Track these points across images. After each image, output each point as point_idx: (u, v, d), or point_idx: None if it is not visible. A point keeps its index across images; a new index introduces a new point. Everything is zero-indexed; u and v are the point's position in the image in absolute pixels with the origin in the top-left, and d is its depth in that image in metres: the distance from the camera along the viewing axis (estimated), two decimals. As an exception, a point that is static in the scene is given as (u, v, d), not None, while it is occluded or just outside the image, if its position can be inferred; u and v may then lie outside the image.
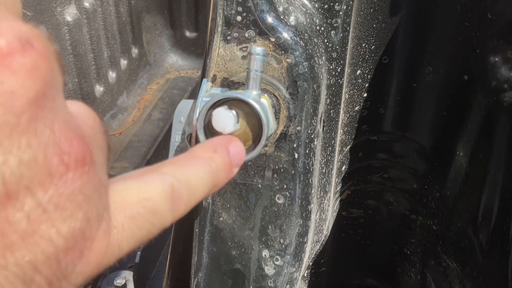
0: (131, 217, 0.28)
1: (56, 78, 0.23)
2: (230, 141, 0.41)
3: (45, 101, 0.22)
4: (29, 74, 0.21)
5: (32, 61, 0.21)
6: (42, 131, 0.22)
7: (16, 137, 0.21)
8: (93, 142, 0.26)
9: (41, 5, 1.55)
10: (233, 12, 0.54)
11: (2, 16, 0.22)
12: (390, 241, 0.94)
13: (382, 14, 0.66)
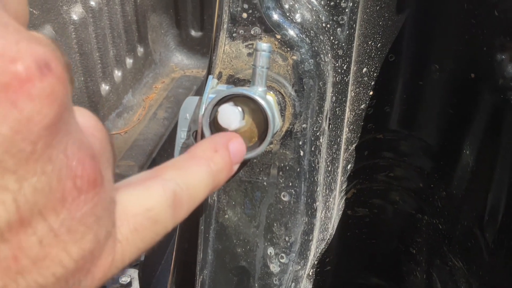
0: (134, 230, 0.28)
1: (69, 96, 0.23)
2: (230, 138, 0.41)
3: (60, 125, 0.22)
4: (47, 100, 0.21)
5: (50, 86, 0.21)
6: (56, 157, 0.22)
7: (32, 164, 0.21)
8: (102, 157, 0.26)
9: (47, 3, 1.56)
10: (239, 9, 0.54)
11: (19, 36, 0.21)
12: (395, 240, 0.94)
13: (389, 12, 0.66)
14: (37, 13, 1.50)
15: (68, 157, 0.22)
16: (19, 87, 0.20)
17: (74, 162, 0.23)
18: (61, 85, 0.21)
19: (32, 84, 0.20)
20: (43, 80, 0.21)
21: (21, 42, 0.21)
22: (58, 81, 0.21)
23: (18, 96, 0.20)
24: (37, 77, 0.20)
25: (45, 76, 0.21)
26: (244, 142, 0.46)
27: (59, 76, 0.21)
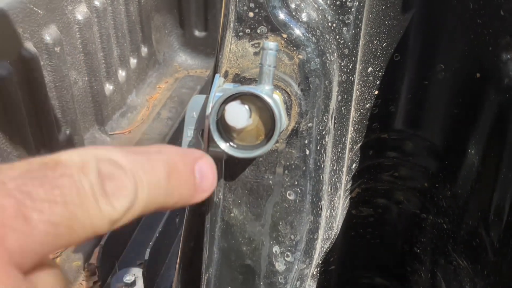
0: None
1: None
2: (198, 159, 0.37)
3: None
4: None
5: None
6: None
7: None
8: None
9: (52, 3, 1.56)
10: (245, 9, 0.55)
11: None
12: (400, 240, 0.94)
13: (394, 11, 0.66)
14: (42, 13, 1.51)
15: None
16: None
17: None
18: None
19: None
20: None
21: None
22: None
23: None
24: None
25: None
26: (251, 140, 0.46)
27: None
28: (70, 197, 0.26)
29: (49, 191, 0.26)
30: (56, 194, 0.26)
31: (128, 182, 0.29)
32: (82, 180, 0.27)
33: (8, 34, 1.39)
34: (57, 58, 1.57)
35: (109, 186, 0.28)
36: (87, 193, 0.27)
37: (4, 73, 1.34)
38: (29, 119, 1.47)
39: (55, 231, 0.26)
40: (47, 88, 1.54)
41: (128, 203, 0.29)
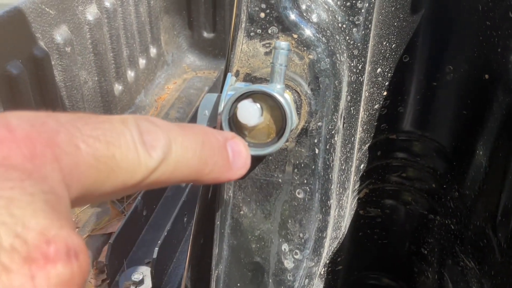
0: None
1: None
2: (230, 138, 0.38)
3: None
4: (62, 285, 0.22)
5: (71, 274, 0.22)
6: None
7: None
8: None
9: (63, 4, 1.58)
10: (257, 9, 0.55)
11: (65, 223, 0.23)
12: (407, 240, 0.94)
13: (403, 13, 0.67)
14: (54, 13, 1.52)
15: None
16: (42, 265, 0.21)
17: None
18: (81, 276, 0.23)
19: (54, 266, 0.22)
20: (67, 266, 0.22)
21: (63, 228, 0.22)
22: (80, 272, 0.22)
23: (38, 272, 0.21)
24: (63, 261, 0.22)
25: (70, 263, 0.22)
26: (262, 138, 0.47)
27: (83, 268, 0.23)
28: (111, 139, 0.28)
29: (93, 130, 0.28)
30: (100, 134, 0.28)
31: (162, 137, 0.31)
32: (122, 128, 0.29)
33: (20, 33, 1.40)
34: (68, 58, 1.58)
35: (146, 137, 0.30)
36: (127, 138, 0.29)
37: (15, 72, 1.35)
38: (40, 118, 1.48)
39: (97, 166, 0.27)
40: (57, 88, 1.55)
41: (162, 154, 0.30)
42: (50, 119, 0.26)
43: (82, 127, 0.27)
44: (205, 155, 0.34)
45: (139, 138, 0.29)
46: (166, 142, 0.31)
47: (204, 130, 0.35)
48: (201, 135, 0.34)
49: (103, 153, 0.27)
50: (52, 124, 0.26)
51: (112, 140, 0.28)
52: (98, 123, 0.28)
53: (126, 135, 0.29)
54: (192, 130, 0.34)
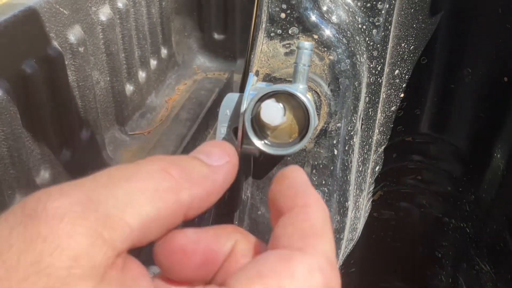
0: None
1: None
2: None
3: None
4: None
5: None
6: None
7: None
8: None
9: (77, 4, 1.59)
10: (278, 10, 0.55)
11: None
12: (421, 243, 0.94)
13: (423, 14, 0.67)
14: (67, 13, 1.53)
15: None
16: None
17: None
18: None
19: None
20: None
21: (336, 278, 0.26)
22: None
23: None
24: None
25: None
26: (284, 138, 0.47)
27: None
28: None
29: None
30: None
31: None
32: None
33: (34, 33, 1.41)
34: (81, 58, 1.59)
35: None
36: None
37: (29, 71, 1.36)
38: (52, 117, 1.49)
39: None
40: (70, 87, 1.56)
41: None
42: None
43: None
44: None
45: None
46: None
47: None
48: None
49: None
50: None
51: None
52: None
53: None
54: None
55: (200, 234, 0.28)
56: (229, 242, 0.28)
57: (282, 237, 0.26)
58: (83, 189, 0.24)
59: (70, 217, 0.23)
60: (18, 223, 0.22)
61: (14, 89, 1.30)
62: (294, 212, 0.27)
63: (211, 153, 0.30)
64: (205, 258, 0.27)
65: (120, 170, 0.26)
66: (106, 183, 0.25)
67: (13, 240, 0.22)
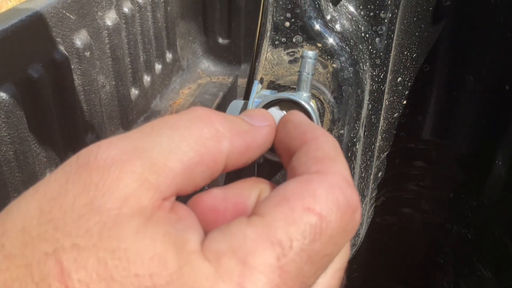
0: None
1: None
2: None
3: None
4: (354, 232, 0.27)
5: (357, 225, 0.27)
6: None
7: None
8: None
9: (83, 9, 1.60)
10: (282, 18, 0.56)
11: (354, 189, 0.27)
12: (423, 249, 0.94)
13: (425, 23, 0.67)
14: (74, 18, 1.55)
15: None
16: (353, 229, 0.26)
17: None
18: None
19: (355, 225, 0.26)
20: (356, 221, 0.27)
21: (355, 194, 0.26)
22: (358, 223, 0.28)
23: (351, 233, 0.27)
24: (357, 220, 0.27)
25: (357, 219, 0.27)
26: None
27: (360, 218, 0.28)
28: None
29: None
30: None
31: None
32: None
33: (41, 38, 1.43)
34: (87, 62, 1.61)
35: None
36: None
37: (36, 75, 1.38)
38: (58, 121, 1.50)
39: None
40: (76, 92, 1.58)
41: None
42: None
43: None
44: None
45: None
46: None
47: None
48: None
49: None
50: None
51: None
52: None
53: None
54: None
55: (226, 191, 0.29)
56: (254, 192, 0.29)
57: (298, 167, 0.28)
58: (130, 139, 0.26)
59: (118, 164, 0.25)
60: (73, 172, 0.25)
61: (20, 93, 1.32)
62: (305, 145, 0.29)
63: (253, 115, 0.32)
64: (235, 212, 0.29)
65: (164, 119, 0.27)
66: (150, 132, 0.27)
67: (69, 186, 0.24)
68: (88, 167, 0.25)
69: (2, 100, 1.26)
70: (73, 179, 0.25)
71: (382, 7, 0.59)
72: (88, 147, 0.26)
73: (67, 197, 0.24)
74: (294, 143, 0.30)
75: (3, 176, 1.29)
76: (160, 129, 0.27)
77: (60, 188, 0.24)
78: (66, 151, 1.58)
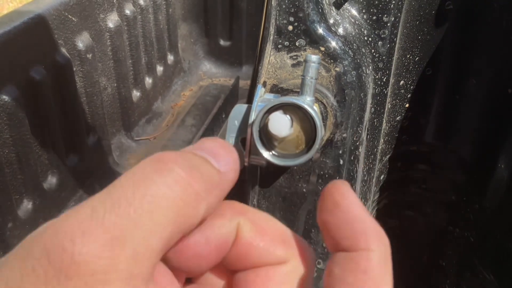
0: None
1: None
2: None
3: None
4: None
5: None
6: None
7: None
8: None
9: (85, 11, 1.61)
10: (285, 22, 0.57)
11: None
12: (425, 252, 0.94)
13: (428, 27, 0.68)
14: (76, 20, 1.55)
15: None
16: None
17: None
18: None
19: None
20: None
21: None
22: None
23: None
24: None
25: None
26: (291, 149, 0.48)
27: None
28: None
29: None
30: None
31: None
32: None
33: (43, 40, 1.43)
34: (89, 64, 1.61)
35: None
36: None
37: (38, 77, 1.38)
38: (60, 123, 1.50)
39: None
40: (78, 93, 1.58)
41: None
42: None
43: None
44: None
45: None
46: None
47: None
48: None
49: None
50: None
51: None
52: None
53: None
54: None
55: (207, 234, 0.28)
56: (233, 227, 0.29)
57: (342, 285, 0.26)
58: (105, 225, 0.23)
59: (101, 266, 0.23)
60: (50, 277, 0.22)
61: (23, 95, 1.32)
62: (355, 258, 0.26)
63: (219, 156, 0.29)
64: (218, 254, 0.28)
65: (139, 187, 0.25)
66: (128, 212, 0.24)
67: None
68: (66, 271, 0.22)
69: (4, 102, 1.26)
70: (52, 285, 0.22)
71: (385, 10, 0.59)
72: (57, 238, 0.23)
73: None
74: (344, 242, 0.27)
75: (5, 178, 1.29)
76: (139, 207, 0.24)
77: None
78: (68, 153, 1.58)
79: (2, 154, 1.27)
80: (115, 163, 1.84)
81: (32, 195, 1.41)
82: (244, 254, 0.29)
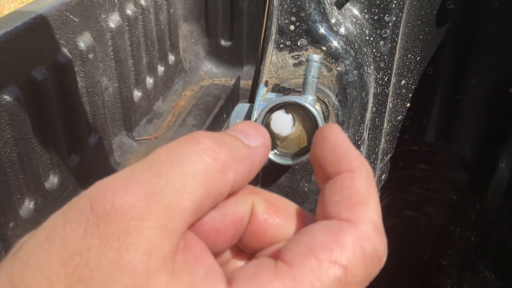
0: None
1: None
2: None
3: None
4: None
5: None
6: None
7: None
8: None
9: (87, 11, 1.61)
10: (287, 22, 0.57)
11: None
12: (426, 252, 0.94)
13: (429, 26, 0.68)
14: (77, 21, 1.55)
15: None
16: (376, 273, 0.28)
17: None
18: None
19: (378, 270, 0.28)
20: (380, 267, 0.27)
21: (383, 242, 0.27)
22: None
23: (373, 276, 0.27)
24: (382, 266, 0.28)
25: (381, 265, 0.28)
26: (293, 148, 0.48)
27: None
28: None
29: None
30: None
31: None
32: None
33: (45, 40, 1.43)
34: (90, 64, 1.61)
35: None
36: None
37: (40, 77, 1.38)
38: (62, 123, 1.51)
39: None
40: (79, 94, 1.58)
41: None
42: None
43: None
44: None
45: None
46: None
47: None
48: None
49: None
50: None
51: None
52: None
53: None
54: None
55: (223, 211, 0.29)
56: (248, 206, 0.30)
57: (330, 205, 0.28)
58: (142, 181, 0.26)
59: (137, 213, 0.25)
60: (90, 223, 0.24)
61: (24, 95, 1.32)
62: (339, 179, 0.29)
63: (249, 134, 0.31)
64: (235, 230, 0.30)
65: (171, 153, 0.27)
66: (160, 172, 0.26)
67: (89, 240, 0.24)
68: (106, 218, 0.24)
69: (6, 102, 1.26)
70: (92, 231, 0.24)
71: (386, 10, 0.59)
72: (101, 190, 0.25)
73: (91, 253, 0.24)
74: (329, 168, 0.30)
75: (7, 177, 1.29)
76: (170, 167, 0.27)
77: (79, 241, 0.24)
78: (69, 153, 1.59)
79: (4, 154, 1.28)
80: (116, 163, 1.85)
81: (34, 195, 1.41)
82: (260, 231, 0.30)
